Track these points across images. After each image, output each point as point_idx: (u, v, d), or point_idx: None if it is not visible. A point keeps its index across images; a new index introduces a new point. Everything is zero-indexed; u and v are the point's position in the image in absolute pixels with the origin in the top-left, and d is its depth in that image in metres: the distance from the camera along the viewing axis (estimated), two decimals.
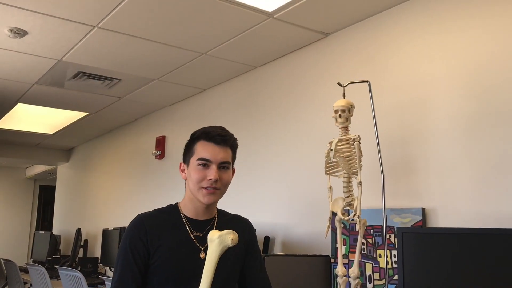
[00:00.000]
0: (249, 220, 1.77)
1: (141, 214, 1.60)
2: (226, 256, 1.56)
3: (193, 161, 1.58)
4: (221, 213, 1.70)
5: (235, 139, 1.64)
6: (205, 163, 1.55)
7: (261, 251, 2.99)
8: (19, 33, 2.90)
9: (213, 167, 1.55)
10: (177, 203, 1.66)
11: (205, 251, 1.53)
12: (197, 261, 1.54)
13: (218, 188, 1.56)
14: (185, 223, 1.59)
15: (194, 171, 1.57)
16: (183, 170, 1.64)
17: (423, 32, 2.35)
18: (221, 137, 1.58)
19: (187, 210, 1.62)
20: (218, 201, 1.64)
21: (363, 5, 2.52)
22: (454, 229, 1.75)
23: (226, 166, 1.58)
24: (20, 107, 4.67)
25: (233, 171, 1.65)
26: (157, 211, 1.63)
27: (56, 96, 4.25)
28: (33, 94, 4.18)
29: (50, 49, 3.16)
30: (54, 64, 3.44)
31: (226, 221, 1.68)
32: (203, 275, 1.32)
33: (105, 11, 2.61)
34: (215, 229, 1.58)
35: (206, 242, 1.54)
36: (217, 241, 1.32)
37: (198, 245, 1.57)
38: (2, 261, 5.01)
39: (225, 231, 1.33)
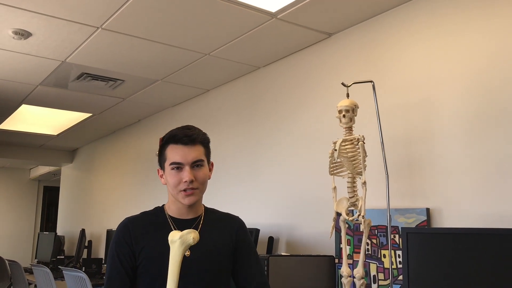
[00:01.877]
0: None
1: (127, 217, 1.65)
2: (213, 256, 1.59)
3: (167, 166, 1.60)
4: (209, 211, 1.71)
5: (204, 134, 1.64)
6: (178, 166, 1.57)
7: (265, 251, 2.99)
8: (23, 34, 2.91)
9: (186, 168, 1.56)
10: (163, 205, 1.69)
11: (191, 249, 1.54)
12: (184, 259, 1.53)
13: (196, 187, 1.58)
14: (170, 223, 1.61)
15: (169, 176, 1.59)
16: (161, 176, 1.65)
17: (427, 32, 2.34)
18: (188, 137, 1.58)
19: (171, 211, 1.64)
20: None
21: (366, 5, 2.52)
22: (459, 229, 1.75)
23: (199, 164, 1.59)
24: (24, 108, 4.68)
25: (212, 165, 1.67)
26: (143, 214, 1.67)
27: (60, 97, 4.27)
28: (37, 95, 4.19)
29: (54, 50, 3.17)
30: (58, 65, 3.45)
31: (215, 218, 1.69)
32: (168, 277, 1.33)
33: (109, 12, 2.61)
34: (201, 227, 1.62)
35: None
36: (179, 241, 1.34)
37: None
38: (6, 261, 5.02)
39: (185, 231, 1.35)
